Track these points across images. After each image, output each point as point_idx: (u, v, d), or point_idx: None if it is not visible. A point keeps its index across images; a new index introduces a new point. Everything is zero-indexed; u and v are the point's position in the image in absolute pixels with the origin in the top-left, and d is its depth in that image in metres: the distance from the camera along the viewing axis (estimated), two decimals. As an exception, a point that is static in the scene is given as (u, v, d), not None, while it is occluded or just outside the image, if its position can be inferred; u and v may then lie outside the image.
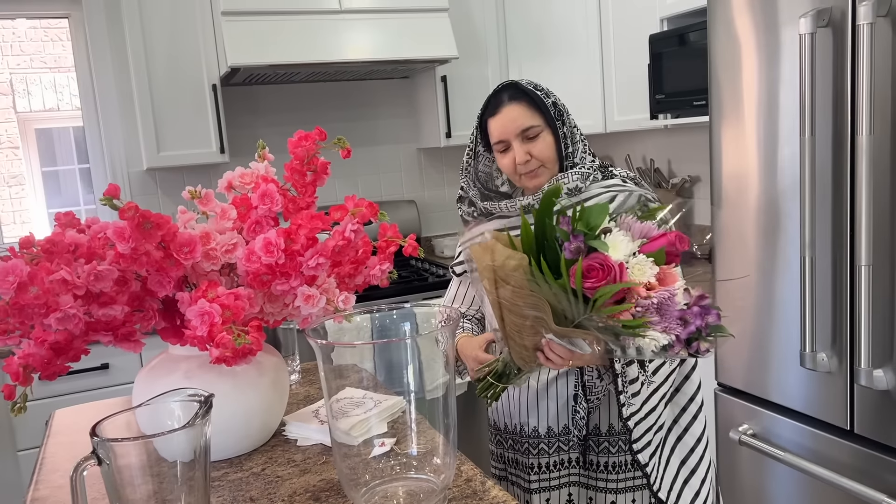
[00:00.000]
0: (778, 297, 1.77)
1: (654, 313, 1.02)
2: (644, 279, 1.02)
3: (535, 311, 1.08)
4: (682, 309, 1.03)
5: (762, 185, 1.78)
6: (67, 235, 1.11)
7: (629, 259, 1.04)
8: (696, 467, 1.48)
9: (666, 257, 1.06)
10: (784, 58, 1.68)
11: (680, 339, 1.02)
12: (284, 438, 1.30)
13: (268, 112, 3.44)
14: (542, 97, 1.43)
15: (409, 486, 1.03)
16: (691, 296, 1.04)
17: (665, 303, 1.02)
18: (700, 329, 1.02)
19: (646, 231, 1.09)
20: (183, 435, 0.88)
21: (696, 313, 1.02)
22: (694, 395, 1.48)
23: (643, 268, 1.03)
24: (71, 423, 1.50)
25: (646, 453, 1.39)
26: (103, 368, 2.64)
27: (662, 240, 1.07)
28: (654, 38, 2.60)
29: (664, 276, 1.05)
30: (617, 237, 1.05)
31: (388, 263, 1.27)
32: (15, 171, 6.17)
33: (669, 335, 1.02)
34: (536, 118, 1.41)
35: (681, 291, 1.03)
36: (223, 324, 1.04)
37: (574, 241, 1.03)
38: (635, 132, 3.29)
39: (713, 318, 1.03)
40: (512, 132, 1.41)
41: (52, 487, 1.18)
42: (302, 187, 1.26)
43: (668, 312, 1.02)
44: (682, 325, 1.02)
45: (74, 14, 3.17)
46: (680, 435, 1.47)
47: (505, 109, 1.42)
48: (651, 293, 1.02)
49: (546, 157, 1.42)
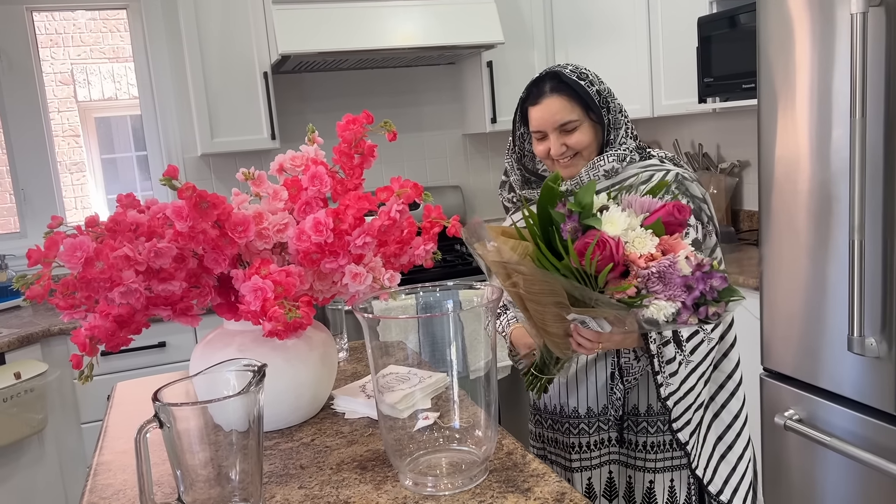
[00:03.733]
0: (827, 281, 1.75)
1: (657, 283, 1.03)
2: (645, 251, 1.04)
3: (551, 297, 1.10)
4: (685, 276, 1.03)
5: (812, 168, 1.76)
6: (129, 215, 1.17)
7: (628, 233, 1.05)
8: (734, 443, 1.47)
9: (666, 227, 1.08)
10: (837, 38, 1.65)
11: (687, 306, 1.03)
12: (333, 412, 1.35)
13: (316, 99, 3.50)
14: (586, 86, 1.41)
15: (451, 457, 1.07)
16: (692, 263, 1.04)
17: (666, 271, 1.03)
18: (704, 293, 1.03)
19: (647, 206, 1.11)
20: (238, 401, 0.93)
21: (698, 278, 1.03)
22: (732, 372, 1.47)
23: (643, 240, 1.05)
24: (132, 395, 1.58)
25: (686, 431, 1.40)
26: (160, 346, 2.75)
27: (661, 211, 1.09)
28: (702, 20, 2.56)
29: (669, 247, 1.06)
30: (614, 213, 1.07)
31: (433, 244, 1.30)
32: (76, 159, 6.40)
33: (675, 302, 1.03)
34: (576, 111, 1.41)
35: (683, 259, 1.04)
36: (275, 299, 1.09)
37: (570, 222, 1.06)
38: (683, 116, 3.25)
39: (717, 281, 1.03)
40: (550, 125, 1.42)
41: (115, 453, 1.26)
42: (350, 169, 1.30)
43: (670, 281, 1.03)
44: (687, 292, 1.03)
45: (132, 5, 3.27)
46: (717, 412, 1.48)
47: (545, 101, 1.42)
48: (651, 263, 1.03)
49: (582, 147, 1.42)
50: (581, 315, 1.12)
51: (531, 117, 1.45)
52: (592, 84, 1.43)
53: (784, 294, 1.88)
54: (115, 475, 1.16)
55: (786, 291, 1.87)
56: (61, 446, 2.72)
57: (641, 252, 1.04)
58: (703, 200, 1.41)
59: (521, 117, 1.51)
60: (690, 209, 1.12)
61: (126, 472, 1.17)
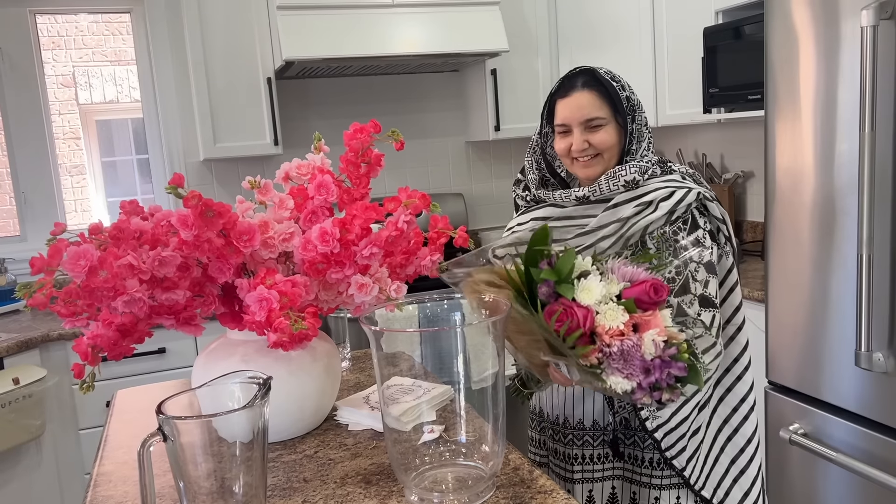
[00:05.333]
0: (833, 295, 1.74)
1: (618, 359, 1.06)
2: (614, 324, 1.07)
3: (529, 336, 1.13)
4: (644, 360, 1.06)
5: (818, 181, 1.75)
6: (133, 223, 1.16)
7: (600, 305, 1.08)
8: (747, 467, 1.46)
9: (640, 305, 1.10)
10: (844, 51, 1.64)
11: (642, 387, 1.06)
12: (336, 423, 1.33)
13: (320, 105, 3.49)
14: (618, 89, 1.40)
15: (457, 472, 1.05)
16: (658, 347, 1.06)
17: (629, 351, 1.06)
18: (660, 381, 1.06)
19: (629, 275, 1.13)
20: (243, 415, 0.91)
21: (657, 365, 1.05)
22: (746, 395, 1.46)
23: (614, 314, 1.07)
24: (132, 403, 1.57)
25: (681, 458, 1.39)
26: (160, 353, 2.74)
27: (638, 288, 1.11)
28: (708, 30, 2.56)
29: (643, 322, 1.09)
30: (591, 282, 1.10)
31: (439, 254, 1.29)
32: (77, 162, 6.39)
33: (632, 381, 1.06)
34: (604, 110, 1.39)
35: (649, 341, 1.06)
36: (281, 309, 1.08)
37: (546, 286, 1.09)
38: (688, 126, 3.24)
39: (677, 370, 1.06)
40: (576, 119, 1.39)
41: (116, 463, 1.24)
42: (356, 178, 1.28)
43: (631, 360, 1.06)
44: (645, 375, 1.06)
45: (136, 9, 3.27)
46: (730, 435, 1.46)
47: (575, 94, 1.40)
48: (614, 340, 1.06)
49: (605, 147, 1.40)
50: (554, 359, 1.14)
51: (558, 110, 1.43)
52: (624, 89, 1.41)
53: (789, 307, 1.87)
54: (116, 486, 1.14)
55: (791, 304, 1.86)
56: (59, 453, 2.70)
57: (610, 325, 1.07)
58: (723, 221, 1.40)
59: (547, 114, 1.49)
60: (669, 289, 1.13)
61: (127, 483, 1.15)
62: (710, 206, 1.39)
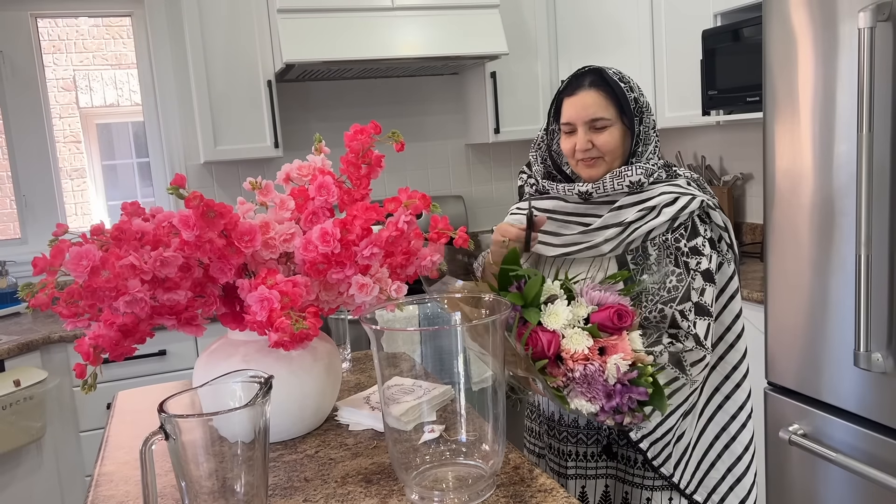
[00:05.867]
0: (832, 295, 1.75)
1: (582, 383, 1.11)
2: (579, 349, 1.11)
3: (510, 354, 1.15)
4: (607, 384, 1.10)
5: (817, 182, 1.75)
6: (134, 223, 1.16)
7: (567, 329, 1.13)
8: (744, 475, 1.47)
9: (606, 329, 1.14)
10: (842, 53, 1.65)
11: (605, 410, 1.10)
12: (336, 423, 1.34)
13: (320, 107, 3.50)
14: (625, 90, 1.38)
15: (458, 471, 1.06)
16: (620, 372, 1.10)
17: (592, 375, 1.10)
18: (620, 405, 1.10)
19: (599, 299, 1.17)
20: (245, 413, 0.92)
21: (619, 391, 1.09)
22: (744, 403, 1.46)
23: (579, 339, 1.12)
24: (133, 404, 1.57)
25: (668, 465, 1.40)
26: (161, 354, 2.74)
27: (603, 313, 1.15)
28: (707, 33, 2.57)
29: (610, 346, 1.13)
30: (558, 307, 1.14)
31: (439, 255, 1.30)
32: (77, 165, 6.40)
33: (594, 404, 1.11)
34: (610, 111, 1.38)
35: (612, 367, 1.09)
36: (282, 309, 1.08)
37: (514, 310, 1.14)
38: (686, 129, 3.25)
39: (638, 395, 1.10)
40: (581, 118, 1.38)
41: (117, 463, 1.24)
42: (357, 179, 1.29)
43: (594, 384, 1.10)
44: (607, 399, 1.10)
45: (136, 12, 3.28)
46: (728, 443, 1.47)
47: (581, 94, 1.39)
48: (577, 365, 1.10)
49: (608, 149, 1.38)
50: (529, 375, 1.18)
51: (564, 109, 1.42)
52: (632, 90, 1.39)
53: (788, 308, 1.87)
54: (118, 486, 1.15)
55: (790, 305, 1.87)
56: (60, 455, 2.70)
57: (575, 349, 1.11)
58: (725, 229, 1.39)
59: (555, 111, 1.48)
60: (634, 315, 1.16)
61: (128, 483, 1.16)
62: (712, 213, 1.38)
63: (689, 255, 1.35)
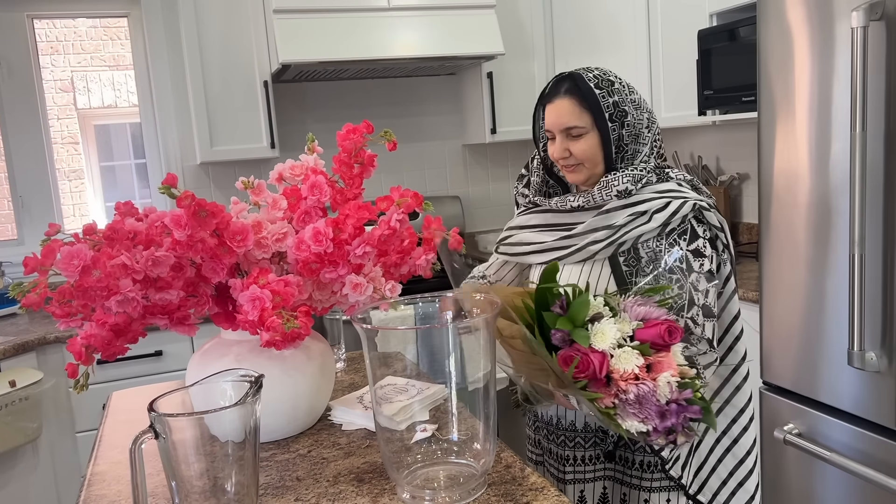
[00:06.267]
0: (827, 295, 1.75)
1: (633, 404, 1.05)
2: (629, 368, 1.05)
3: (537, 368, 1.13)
4: (660, 405, 1.05)
5: (813, 181, 1.75)
6: (127, 223, 1.16)
7: (615, 349, 1.07)
8: (746, 479, 1.45)
9: (656, 346, 1.09)
10: (837, 52, 1.65)
11: (658, 430, 1.05)
12: (330, 423, 1.34)
13: (317, 108, 3.50)
14: (601, 96, 1.36)
15: (449, 470, 1.06)
16: (673, 389, 1.05)
17: (645, 396, 1.05)
18: (675, 426, 1.05)
19: (643, 314, 1.12)
20: (234, 412, 0.92)
21: (674, 410, 1.05)
22: (745, 407, 1.46)
23: (628, 357, 1.06)
24: (127, 404, 1.57)
25: (677, 467, 1.39)
26: (157, 355, 2.74)
27: (652, 330, 1.09)
28: (702, 33, 2.57)
29: (657, 363, 1.08)
30: (605, 325, 1.08)
31: (433, 254, 1.30)
32: (75, 166, 6.39)
33: (647, 425, 1.05)
34: (584, 118, 1.36)
35: (664, 384, 1.05)
36: (273, 309, 1.08)
37: (559, 332, 1.08)
38: (683, 128, 3.25)
39: (692, 413, 1.05)
40: (557, 126, 1.39)
41: (110, 463, 1.24)
42: (349, 179, 1.29)
43: (647, 405, 1.05)
44: (661, 419, 1.05)
45: (133, 13, 3.28)
46: (729, 446, 1.46)
47: (557, 101, 1.39)
48: (630, 386, 1.05)
49: (585, 157, 1.37)
50: (563, 392, 1.13)
51: (545, 115, 1.42)
52: (611, 94, 1.37)
53: (784, 307, 1.87)
54: (110, 486, 1.15)
55: (785, 305, 1.87)
56: (56, 455, 2.70)
57: (625, 368, 1.05)
58: (721, 229, 1.37)
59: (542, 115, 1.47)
60: (682, 331, 1.12)
61: (121, 482, 1.16)
62: (706, 214, 1.36)
63: (693, 257, 1.34)
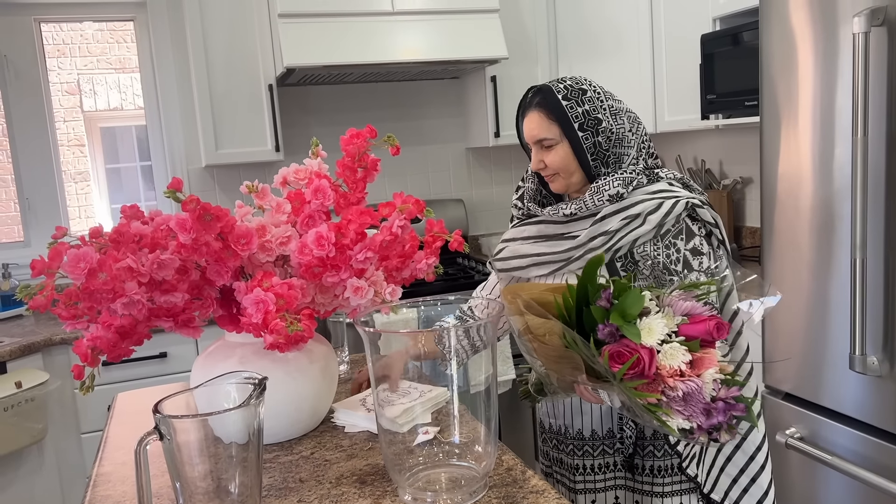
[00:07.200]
0: (829, 299, 1.75)
1: (680, 401, 1.04)
2: (675, 364, 1.04)
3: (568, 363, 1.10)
4: (707, 402, 1.04)
5: (815, 185, 1.76)
6: (133, 226, 1.18)
7: (661, 345, 1.05)
8: (758, 475, 1.43)
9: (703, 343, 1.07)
10: (839, 57, 1.66)
11: (702, 428, 1.04)
12: (332, 425, 1.35)
13: (321, 112, 3.52)
14: (567, 108, 1.36)
15: (451, 472, 1.07)
16: (720, 386, 1.04)
17: (692, 393, 1.03)
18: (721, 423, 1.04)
19: (688, 310, 1.10)
20: (238, 414, 0.93)
21: (720, 409, 1.04)
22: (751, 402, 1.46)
23: (675, 353, 1.05)
24: (132, 406, 1.58)
25: (693, 465, 1.39)
26: (162, 357, 2.75)
27: (700, 326, 1.07)
28: (706, 37, 2.58)
29: (698, 359, 1.06)
30: (653, 321, 1.06)
31: (434, 258, 1.31)
32: (81, 168, 6.42)
33: (692, 422, 1.04)
34: (553, 130, 1.37)
35: (710, 381, 1.04)
36: (277, 311, 1.09)
37: (608, 326, 1.05)
38: (686, 133, 3.26)
39: (738, 411, 1.04)
40: (530, 139, 1.41)
41: (115, 464, 1.25)
42: (353, 183, 1.30)
43: (693, 402, 1.04)
44: (706, 416, 1.04)
45: (139, 17, 3.30)
46: (739, 443, 1.44)
47: (529, 114, 1.41)
48: (678, 383, 1.03)
49: (559, 167, 1.39)
50: (596, 385, 1.11)
51: (523, 128, 1.45)
52: (581, 104, 1.36)
53: (785, 311, 1.88)
54: (115, 486, 1.16)
55: (787, 308, 1.87)
56: (61, 456, 2.71)
57: (671, 365, 1.04)
58: (715, 225, 1.38)
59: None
60: (729, 327, 1.10)
61: (125, 483, 1.17)
62: (700, 211, 1.37)
63: (692, 256, 1.35)
